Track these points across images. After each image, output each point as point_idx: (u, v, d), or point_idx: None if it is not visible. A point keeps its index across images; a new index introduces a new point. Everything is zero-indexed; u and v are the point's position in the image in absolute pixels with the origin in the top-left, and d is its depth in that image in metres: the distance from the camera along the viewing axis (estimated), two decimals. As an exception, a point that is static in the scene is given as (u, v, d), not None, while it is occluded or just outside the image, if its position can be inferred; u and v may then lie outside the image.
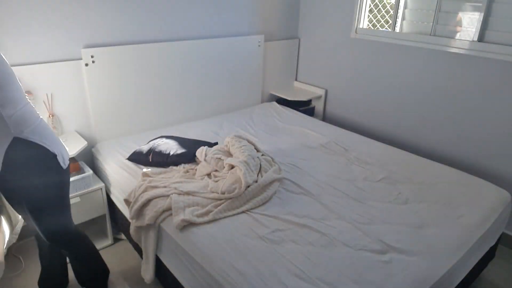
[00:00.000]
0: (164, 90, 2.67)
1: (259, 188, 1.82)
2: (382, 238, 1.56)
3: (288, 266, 1.39)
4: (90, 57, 2.25)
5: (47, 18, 2.09)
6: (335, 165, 2.20)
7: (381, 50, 2.89)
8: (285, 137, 2.58)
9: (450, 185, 2.00)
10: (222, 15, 2.87)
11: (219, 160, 1.97)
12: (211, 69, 2.88)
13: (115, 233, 2.40)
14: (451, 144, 2.63)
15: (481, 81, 2.38)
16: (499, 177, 2.41)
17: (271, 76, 3.40)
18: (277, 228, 1.60)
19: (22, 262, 2.18)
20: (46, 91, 2.18)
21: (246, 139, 2.18)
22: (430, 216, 1.74)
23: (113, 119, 2.48)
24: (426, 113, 2.72)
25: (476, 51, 2.35)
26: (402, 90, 2.83)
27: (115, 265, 2.19)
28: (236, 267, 1.39)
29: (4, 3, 1.94)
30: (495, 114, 2.36)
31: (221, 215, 1.66)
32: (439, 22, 2.54)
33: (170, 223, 1.65)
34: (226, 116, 2.98)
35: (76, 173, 2.11)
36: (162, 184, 1.84)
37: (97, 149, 2.37)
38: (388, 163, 2.23)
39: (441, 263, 1.47)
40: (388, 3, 2.86)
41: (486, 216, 1.77)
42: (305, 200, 1.83)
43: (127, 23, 2.40)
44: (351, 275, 1.36)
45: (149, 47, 2.49)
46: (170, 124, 2.78)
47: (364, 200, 1.85)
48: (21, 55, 2.07)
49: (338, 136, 2.60)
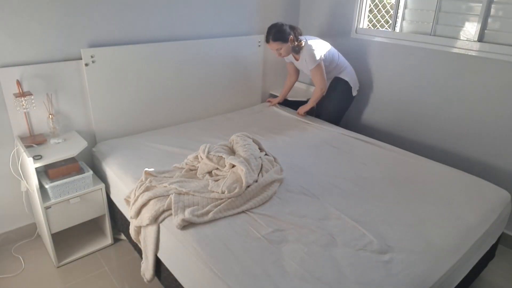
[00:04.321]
0: (164, 90, 2.67)
1: (259, 188, 1.82)
2: (382, 238, 1.56)
3: (288, 266, 1.39)
4: (90, 57, 2.25)
5: (47, 18, 2.09)
6: (335, 164, 2.20)
7: (381, 50, 2.89)
8: (285, 137, 2.58)
9: (450, 185, 2.00)
10: (222, 15, 2.87)
11: (221, 158, 1.97)
12: (211, 69, 2.88)
13: (115, 233, 2.40)
14: (451, 144, 2.63)
15: (481, 81, 2.38)
16: (499, 177, 2.41)
17: (271, 76, 3.41)
18: (277, 228, 1.60)
19: (22, 262, 2.19)
20: (46, 91, 2.18)
21: (252, 138, 2.18)
22: (430, 216, 1.74)
23: (113, 119, 2.48)
24: (426, 113, 2.72)
25: (476, 51, 2.35)
26: (402, 90, 2.84)
27: (115, 265, 2.19)
28: (236, 267, 1.39)
29: (4, 3, 1.94)
30: (495, 114, 2.36)
31: (221, 214, 1.66)
32: (439, 22, 2.54)
33: (170, 223, 1.65)
34: (226, 116, 2.98)
35: (76, 173, 2.11)
36: (162, 184, 1.84)
37: (97, 149, 2.37)
38: (388, 163, 2.23)
39: (441, 263, 1.47)
40: (388, 3, 2.86)
41: (486, 216, 1.77)
42: (305, 200, 1.83)
43: (127, 23, 2.40)
44: (351, 275, 1.36)
45: (149, 47, 2.49)
46: (170, 124, 2.78)
47: (364, 200, 1.85)
48: (21, 55, 2.07)
49: (338, 136, 2.60)
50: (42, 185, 2.05)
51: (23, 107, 2.02)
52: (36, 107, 2.17)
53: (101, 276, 2.11)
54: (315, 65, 2.64)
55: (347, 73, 2.81)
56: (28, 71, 2.09)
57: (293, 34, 2.61)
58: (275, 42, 2.59)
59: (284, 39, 2.59)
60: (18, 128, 2.16)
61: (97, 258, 2.24)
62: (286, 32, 2.59)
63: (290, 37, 2.59)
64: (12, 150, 2.16)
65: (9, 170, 2.20)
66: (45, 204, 2.00)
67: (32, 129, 2.20)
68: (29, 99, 2.04)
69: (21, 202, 2.31)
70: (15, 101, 2.03)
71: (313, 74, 2.70)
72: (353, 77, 2.85)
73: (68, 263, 2.19)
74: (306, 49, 2.64)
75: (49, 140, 2.16)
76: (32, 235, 2.39)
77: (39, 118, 2.21)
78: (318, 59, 2.62)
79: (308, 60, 2.65)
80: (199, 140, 2.45)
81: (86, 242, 2.34)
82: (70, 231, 2.42)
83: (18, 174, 2.21)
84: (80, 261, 2.21)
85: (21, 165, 2.17)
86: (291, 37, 2.59)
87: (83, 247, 2.29)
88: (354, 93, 2.85)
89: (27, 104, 2.03)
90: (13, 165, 2.19)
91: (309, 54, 2.63)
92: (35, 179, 1.95)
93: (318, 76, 2.68)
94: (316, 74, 2.67)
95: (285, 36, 2.58)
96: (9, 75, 2.04)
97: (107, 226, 2.30)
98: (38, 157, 1.96)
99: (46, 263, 2.18)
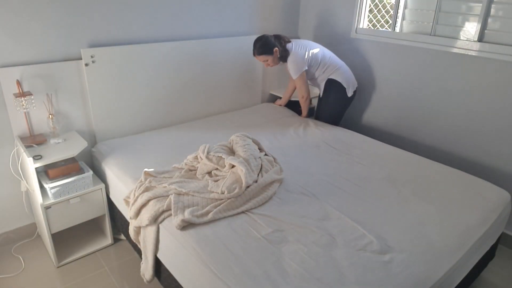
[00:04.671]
0: (164, 90, 2.67)
1: (258, 188, 1.82)
2: (382, 238, 1.56)
3: (288, 267, 1.39)
4: (90, 57, 2.25)
5: (47, 18, 2.09)
6: (335, 164, 2.20)
7: (381, 50, 2.89)
8: (284, 137, 2.58)
9: (450, 185, 2.00)
10: (222, 15, 2.87)
11: (220, 159, 1.97)
12: (211, 69, 2.88)
13: (115, 233, 2.40)
14: (451, 144, 2.63)
15: (481, 81, 2.38)
16: (499, 177, 2.41)
17: (271, 76, 3.40)
18: (277, 228, 1.60)
19: (22, 262, 2.19)
20: (46, 91, 2.18)
21: (251, 138, 2.18)
22: (430, 216, 1.74)
23: (113, 119, 2.48)
24: (426, 112, 2.72)
25: (476, 51, 2.35)
26: (401, 90, 2.83)
27: (115, 265, 2.19)
28: (236, 267, 1.39)
29: (4, 3, 1.94)
30: (495, 114, 2.36)
31: (220, 215, 1.66)
32: (439, 22, 2.54)
33: (169, 223, 1.64)
34: (226, 116, 2.98)
35: (76, 173, 2.11)
36: (162, 184, 1.84)
37: (97, 149, 2.37)
38: (388, 163, 2.23)
39: (441, 263, 1.47)
40: (388, 3, 2.86)
41: (486, 216, 1.77)
42: (305, 200, 1.83)
43: (127, 23, 2.40)
44: (351, 276, 1.36)
45: (149, 47, 2.49)
46: (170, 124, 2.78)
47: (364, 200, 1.85)
48: (21, 55, 2.07)
49: (338, 136, 2.60)
50: (42, 185, 2.05)
51: (23, 107, 2.02)
52: (36, 107, 2.17)
53: (101, 276, 2.11)
54: (297, 75, 2.73)
55: (339, 74, 2.77)
56: (28, 71, 2.09)
57: (278, 45, 2.69)
58: (260, 56, 2.71)
59: (269, 52, 2.69)
60: (18, 128, 2.16)
61: (97, 258, 2.24)
62: (271, 44, 2.68)
63: (275, 49, 2.68)
64: (12, 150, 2.16)
65: (9, 170, 2.20)
66: (45, 204, 2.00)
67: (32, 129, 2.20)
68: (29, 99, 2.04)
69: (21, 202, 2.31)
70: (15, 101, 2.03)
71: (296, 82, 2.82)
72: (347, 77, 2.80)
73: (68, 263, 2.19)
74: (289, 61, 2.73)
75: (49, 140, 2.16)
76: (32, 235, 2.40)
77: (39, 118, 2.21)
78: (300, 71, 2.71)
79: (291, 70, 2.74)
80: (199, 140, 2.45)
81: (86, 242, 2.34)
82: (70, 231, 2.42)
83: (18, 174, 2.21)
84: (80, 261, 2.21)
85: (21, 165, 2.17)
86: (276, 49, 2.68)
87: (83, 247, 2.29)
88: (350, 94, 2.81)
89: (27, 104, 2.03)
90: (13, 165, 2.19)
91: (291, 67, 2.73)
92: (35, 179, 1.95)
93: (298, 84, 2.80)
94: (298, 82, 2.79)
95: (270, 49, 2.68)
96: (9, 75, 2.04)
97: (107, 226, 2.30)
98: (38, 157, 1.96)
99: (46, 263, 2.18)
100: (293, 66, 2.72)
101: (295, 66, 2.71)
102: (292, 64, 2.72)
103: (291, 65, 2.72)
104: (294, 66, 2.71)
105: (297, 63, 2.70)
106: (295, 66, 2.71)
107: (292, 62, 2.71)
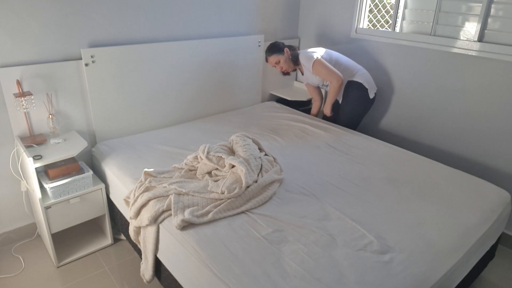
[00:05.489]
0: (164, 90, 2.67)
1: (259, 189, 1.82)
2: (382, 238, 1.56)
3: (288, 267, 1.39)
4: (90, 57, 2.25)
5: (47, 18, 2.09)
6: (335, 164, 2.20)
7: (381, 50, 2.89)
8: (284, 137, 2.58)
9: (450, 185, 2.00)
10: (222, 15, 2.87)
11: (220, 159, 1.97)
12: (211, 69, 2.88)
13: (115, 233, 2.40)
14: (451, 144, 2.63)
15: (481, 81, 2.38)
16: (499, 177, 2.41)
17: (271, 76, 3.41)
18: (277, 229, 1.60)
19: (22, 262, 2.19)
20: (46, 91, 2.18)
21: (251, 138, 2.18)
22: (430, 216, 1.74)
23: (113, 119, 2.48)
24: (426, 112, 2.72)
25: (476, 51, 2.35)
26: (401, 90, 2.83)
27: (115, 265, 2.19)
28: (236, 267, 1.39)
29: (4, 3, 1.94)
30: (495, 114, 2.36)
31: (220, 215, 1.66)
32: (439, 22, 2.54)
33: (169, 223, 1.64)
34: (226, 115, 2.98)
35: (76, 173, 2.11)
36: (162, 184, 1.84)
37: (97, 149, 2.37)
38: (388, 163, 2.23)
39: (441, 263, 1.47)
40: (388, 3, 2.86)
41: (486, 216, 1.77)
42: (305, 200, 1.83)
43: (127, 23, 2.40)
44: (351, 276, 1.36)
45: (149, 47, 2.49)
46: (170, 124, 2.78)
47: (364, 200, 1.85)
48: (21, 55, 2.07)
49: (338, 136, 2.60)
50: (42, 185, 2.05)
51: (23, 107, 2.02)
52: (36, 107, 2.17)
53: (101, 276, 2.11)
54: (312, 63, 2.64)
55: (360, 75, 2.70)
56: (28, 71, 2.09)
57: (288, 48, 2.74)
58: (272, 56, 2.74)
59: (279, 51, 2.72)
60: (18, 128, 2.16)
61: (97, 258, 2.24)
62: (281, 45, 2.75)
63: (285, 49, 2.73)
64: (12, 150, 2.17)
65: (9, 170, 2.20)
66: (45, 204, 2.00)
67: (32, 129, 2.21)
68: (29, 99, 2.04)
69: (21, 202, 2.31)
70: (15, 101, 2.03)
71: (318, 73, 2.67)
72: (368, 79, 2.73)
73: (68, 263, 2.19)
74: (301, 55, 2.74)
75: (49, 140, 2.16)
76: (32, 235, 2.40)
77: (39, 118, 2.21)
78: (314, 57, 2.65)
79: (306, 65, 2.70)
80: (199, 140, 2.45)
81: (86, 242, 2.34)
82: (70, 231, 2.42)
83: (18, 174, 2.21)
84: (80, 261, 2.21)
85: (21, 165, 2.17)
86: (286, 49, 2.72)
87: (83, 247, 2.29)
88: (372, 96, 2.72)
89: (27, 104, 2.03)
90: (13, 165, 2.20)
91: (305, 57, 2.71)
92: (35, 179, 1.95)
93: (323, 71, 2.62)
94: (320, 71, 2.64)
95: (280, 48, 2.72)
96: (9, 75, 2.04)
97: (107, 226, 2.30)
98: (38, 157, 1.96)
99: (46, 263, 2.18)
100: (306, 57, 2.68)
101: (307, 56, 2.67)
102: (304, 56, 2.70)
103: (304, 57, 2.69)
104: (306, 57, 2.68)
105: (307, 55, 2.69)
106: (307, 56, 2.68)
107: (303, 53, 2.71)
